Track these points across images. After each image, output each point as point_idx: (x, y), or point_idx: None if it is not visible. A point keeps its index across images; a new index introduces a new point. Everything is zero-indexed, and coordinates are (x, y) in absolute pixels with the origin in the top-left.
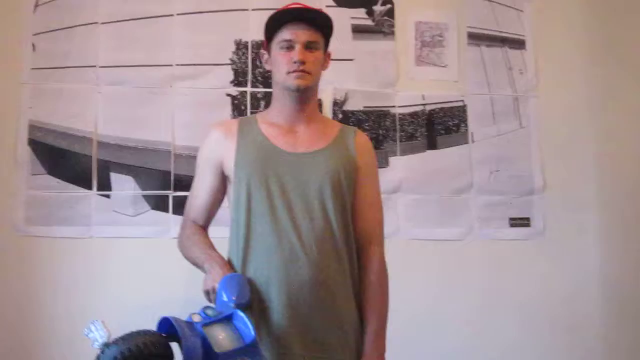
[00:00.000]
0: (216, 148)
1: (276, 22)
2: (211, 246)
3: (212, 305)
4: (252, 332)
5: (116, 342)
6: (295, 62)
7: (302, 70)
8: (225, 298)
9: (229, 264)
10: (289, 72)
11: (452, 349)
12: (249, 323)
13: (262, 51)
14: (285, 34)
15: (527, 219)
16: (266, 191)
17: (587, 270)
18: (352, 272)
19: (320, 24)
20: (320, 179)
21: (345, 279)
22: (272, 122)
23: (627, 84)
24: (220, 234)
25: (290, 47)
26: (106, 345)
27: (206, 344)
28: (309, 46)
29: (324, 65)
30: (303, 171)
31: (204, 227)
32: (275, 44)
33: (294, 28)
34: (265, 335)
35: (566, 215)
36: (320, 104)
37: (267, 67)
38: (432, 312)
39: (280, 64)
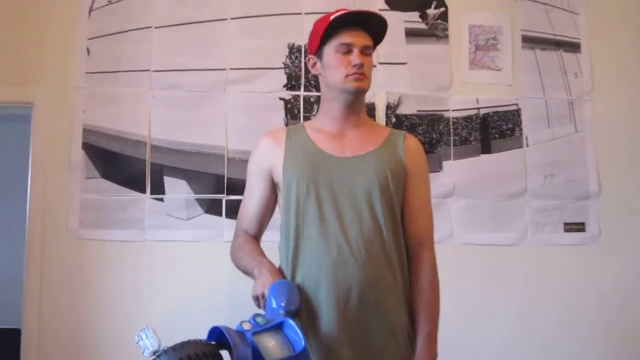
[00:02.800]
0: (265, 157)
1: (335, 25)
2: (261, 254)
3: (262, 312)
4: (303, 341)
5: (167, 352)
6: (354, 66)
7: (362, 74)
8: (274, 304)
9: (279, 270)
10: (347, 75)
11: (504, 354)
12: (299, 331)
13: (310, 55)
14: (344, 38)
15: (582, 223)
16: (315, 195)
17: None
18: (402, 275)
19: (378, 30)
20: (368, 182)
21: (396, 281)
22: (319, 128)
23: None
24: (273, 237)
25: (349, 50)
26: (157, 354)
27: (256, 353)
28: (364, 51)
29: None
30: (351, 174)
31: (256, 237)
32: (331, 48)
33: (353, 32)
34: (314, 338)
35: (622, 220)
36: (373, 108)
37: (316, 72)
38: (486, 316)
39: (338, 68)
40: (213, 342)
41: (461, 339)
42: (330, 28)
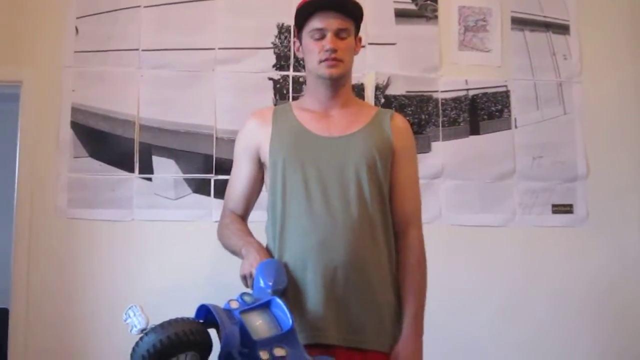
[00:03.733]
0: (252, 137)
1: (306, 10)
2: (249, 233)
3: (249, 291)
4: (290, 320)
5: (155, 329)
6: (327, 51)
7: (334, 59)
8: (262, 283)
9: (267, 249)
10: (321, 61)
11: (492, 335)
12: (286, 310)
13: (294, 39)
14: (315, 23)
15: (570, 205)
16: (301, 175)
17: (631, 258)
18: (389, 255)
19: (351, 11)
20: (355, 161)
21: (382, 261)
22: (306, 108)
23: None
24: (261, 217)
25: (321, 35)
26: (145, 332)
27: (244, 331)
28: (339, 34)
29: (355, 50)
30: (338, 154)
31: (243, 216)
32: (306, 33)
33: (324, 16)
34: (300, 317)
35: (610, 202)
36: (362, 88)
37: (300, 56)
38: (474, 297)
39: (312, 53)
40: (201, 320)
41: (449, 320)
42: (303, 12)
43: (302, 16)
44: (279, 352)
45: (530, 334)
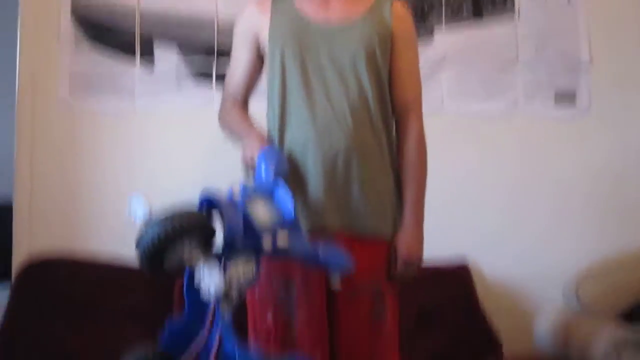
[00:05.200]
0: (251, 24)
1: None
2: (249, 120)
3: (251, 178)
4: (292, 208)
5: (158, 220)
6: None
7: None
8: (264, 171)
9: (268, 137)
10: None
11: (495, 223)
12: (289, 199)
13: None
14: None
15: (573, 95)
16: (300, 64)
17: (634, 147)
18: (389, 143)
19: None
20: (354, 50)
21: (382, 149)
22: None
23: None
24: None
25: None
26: (148, 222)
27: (247, 219)
28: None
29: None
30: (337, 43)
31: (244, 102)
32: None
33: None
34: (301, 205)
35: (613, 91)
36: None
37: None
38: (475, 186)
39: None
40: (204, 210)
41: (451, 210)
42: None
43: None
44: (281, 239)
45: (536, 224)
